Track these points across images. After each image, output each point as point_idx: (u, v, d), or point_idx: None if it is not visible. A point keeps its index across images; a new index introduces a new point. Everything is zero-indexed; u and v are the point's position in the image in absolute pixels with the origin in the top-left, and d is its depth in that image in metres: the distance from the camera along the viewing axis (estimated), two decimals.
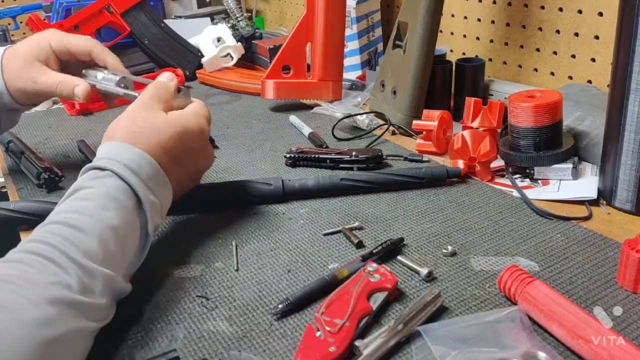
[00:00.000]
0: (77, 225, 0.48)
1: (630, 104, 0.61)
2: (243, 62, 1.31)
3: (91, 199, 0.51)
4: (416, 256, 0.59)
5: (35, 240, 0.46)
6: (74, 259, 0.45)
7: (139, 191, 0.53)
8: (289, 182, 0.71)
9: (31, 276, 0.42)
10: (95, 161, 0.55)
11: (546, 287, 0.48)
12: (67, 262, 0.45)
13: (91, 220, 0.49)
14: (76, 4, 1.32)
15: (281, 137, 0.93)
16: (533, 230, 0.63)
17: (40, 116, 1.10)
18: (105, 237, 0.48)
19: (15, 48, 0.73)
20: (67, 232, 0.47)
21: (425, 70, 0.89)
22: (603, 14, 0.85)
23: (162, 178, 0.57)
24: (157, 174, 0.56)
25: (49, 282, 0.43)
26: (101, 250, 0.47)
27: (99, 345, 0.47)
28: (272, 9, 1.74)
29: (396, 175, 0.72)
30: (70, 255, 0.45)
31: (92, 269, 0.46)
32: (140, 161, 0.55)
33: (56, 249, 0.45)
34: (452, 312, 0.50)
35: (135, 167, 0.54)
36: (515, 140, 0.73)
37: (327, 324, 0.46)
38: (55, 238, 0.46)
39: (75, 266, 0.45)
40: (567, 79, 0.93)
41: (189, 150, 0.61)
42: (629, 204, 0.65)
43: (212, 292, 0.55)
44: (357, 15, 1.18)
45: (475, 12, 1.07)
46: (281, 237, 0.63)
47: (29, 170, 0.79)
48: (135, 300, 0.53)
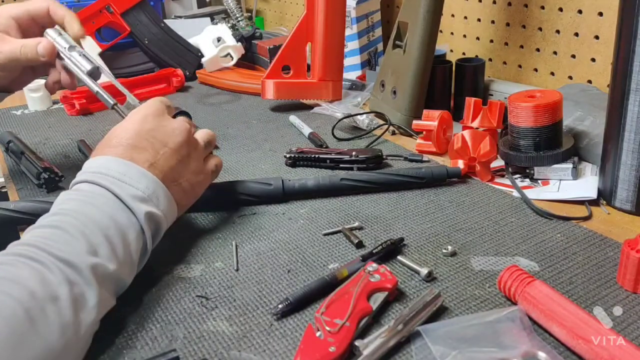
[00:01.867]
0: (56, 225, 0.48)
1: (630, 104, 0.61)
2: (243, 62, 1.31)
3: (68, 199, 0.52)
4: (416, 256, 0.59)
5: (17, 244, 0.47)
6: (54, 254, 0.45)
7: (115, 189, 0.53)
8: (288, 182, 0.71)
9: (12, 275, 0.42)
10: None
11: (546, 287, 0.48)
12: (47, 258, 0.44)
13: (70, 218, 0.49)
14: (76, 4, 1.32)
15: (281, 137, 0.93)
16: (533, 230, 0.63)
17: (40, 116, 1.10)
18: (86, 231, 0.48)
19: None
20: (47, 232, 0.47)
21: (425, 70, 0.89)
22: (603, 14, 0.85)
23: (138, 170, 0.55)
24: (130, 168, 0.55)
25: (30, 278, 0.42)
26: (82, 240, 0.47)
27: (99, 345, 0.47)
28: (272, 9, 1.74)
29: (396, 175, 0.72)
30: (50, 252, 0.45)
31: (73, 261, 0.45)
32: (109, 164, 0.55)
33: (37, 247, 0.45)
34: (452, 312, 0.50)
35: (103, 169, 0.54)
36: (515, 140, 0.73)
37: (327, 324, 0.46)
38: (35, 238, 0.47)
39: (56, 260, 0.45)
40: (567, 79, 0.93)
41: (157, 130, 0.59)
42: (629, 204, 0.65)
43: (212, 292, 0.55)
44: (357, 15, 1.18)
45: (475, 12, 1.07)
46: (281, 237, 0.63)
47: (29, 170, 0.79)
48: (135, 300, 0.53)
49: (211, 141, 0.67)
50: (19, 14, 0.73)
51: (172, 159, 0.59)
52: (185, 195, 0.61)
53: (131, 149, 0.57)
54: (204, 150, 0.65)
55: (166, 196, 0.57)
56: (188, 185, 0.61)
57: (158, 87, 1.21)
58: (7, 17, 0.72)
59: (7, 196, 0.79)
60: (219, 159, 0.68)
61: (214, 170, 0.67)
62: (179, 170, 0.60)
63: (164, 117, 0.61)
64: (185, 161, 0.60)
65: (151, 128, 0.59)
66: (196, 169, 0.62)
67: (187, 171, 0.61)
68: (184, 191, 0.61)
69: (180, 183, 0.60)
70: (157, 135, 0.59)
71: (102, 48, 1.24)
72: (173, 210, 0.58)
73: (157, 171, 0.57)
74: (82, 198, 0.52)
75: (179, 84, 1.22)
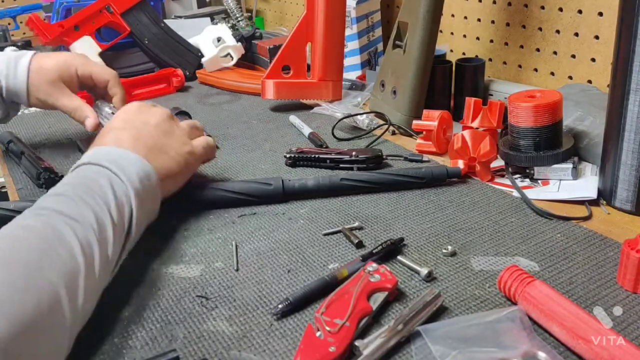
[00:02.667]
0: (61, 193, 0.53)
1: (630, 104, 0.61)
2: (243, 62, 1.31)
3: (78, 177, 0.57)
4: (416, 256, 0.59)
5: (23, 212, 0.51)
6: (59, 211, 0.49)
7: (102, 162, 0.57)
8: (289, 182, 0.71)
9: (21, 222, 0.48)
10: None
11: (546, 287, 0.48)
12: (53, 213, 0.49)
13: (75, 189, 0.53)
14: (76, 4, 1.32)
15: (281, 137, 0.93)
16: (533, 230, 0.63)
17: (40, 116, 1.10)
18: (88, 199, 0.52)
19: (43, 61, 0.82)
20: (53, 198, 0.52)
21: (425, 70, 0.89)
22: (603, 14, 0.85)
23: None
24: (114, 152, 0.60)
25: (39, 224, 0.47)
26: (86, 207, 0.51)
27: (99, 345, 0.47)
28: (272, 9, 1.74)
29: (396, 175, 0.72)
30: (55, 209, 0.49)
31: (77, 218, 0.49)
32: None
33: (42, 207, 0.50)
34: (452, 312, 0.50)
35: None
36: (515, 140, 0.73)
37: (327, 324, 0.46)
38: (41, 202, 0.52)
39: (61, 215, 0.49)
40: (567, 79, 0.93)
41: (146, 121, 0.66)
42: (629, 204, 0.65)
43: (212, 292, 0.55)
44: (357, 15, 1.18)
45: (475, 12, 1.07)
46: (281, 237, 0.63)
47: (29, 171, 0.79)
48: (135, 300, 0.53)
49: (196, 125, 0.73)
50: (85, 75, 0.84)
51: (155, 132, 0.65)
52: (178, 166, 0.65)
53: (119, 131, 0.63)
54: (188, 129, 0.70)
55: (153, 175, 0.60)
56: (177, 155, 0.65)
57: (158, 87, 1.21)
58: (74, 73, 0.83)
59: (7, 196, 0.79)
60: (208, 138, 0.72)
61: (205, 146, 0.71)
62: (164, 142, 0.65)
63: (147, 106, 0.69)
64: (168, 135, 0.66)
65: (134, 111, 0.67)
66: (181, 141, 0.67)
67: (173, 142, 0.66)
68: (175, 161, 0.65)
69: (167, 152, 0.64)
70: (140, 117, 0.66)
71: (102, 48, 1.24)
72: (157, 193, 0.62)
73: (142, 145, 0.62)
74: (85, 174, 0.56)
75: (179, 84, 1.22)
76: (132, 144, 0.61)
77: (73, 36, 1.23)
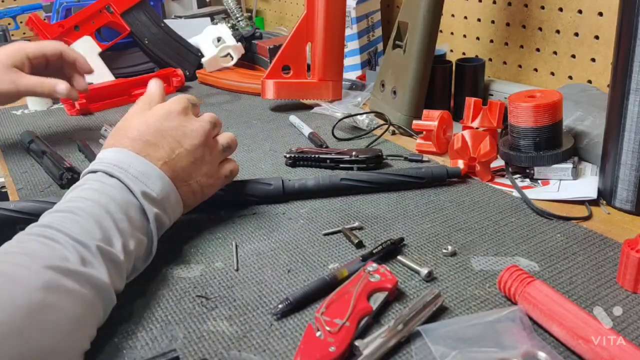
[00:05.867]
0: (69, 210, 0.50)
1: (630, 104, 0.61)
2: (243, 62, 1.31)
3: (84, 189, 0.54)
4: (416, 256, 0.59)
5: (32, 226, 0.49)
6: (69, 235, 0.47)
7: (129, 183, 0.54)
8: (289, 182, 0.71)
9: (29, 250, 0.45)
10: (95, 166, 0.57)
11: (546, 287, 0.48)
12: (63, 238, 0.46)
13: (84, 204, 0.51)
14: (76, 4, 1.32)
15: (281, 137, 0.93)
16: (533, 230, 0.63)
17: (40, 116, 1.10)
18: (99, 218, 0.50)
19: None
20: (61, 216, 0.50)
21: (425, 70, 0.89)
22: (603, 14, 0.85)
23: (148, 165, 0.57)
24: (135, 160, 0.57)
25: (47, 254, 0.45)
26: (95, 227, 0.49)
27: (98, 345, 0.47)
28: (272, 9, 1.75)
29: (396, 175, 0.72)
30: (65, 232, 0.47)
31: (87, 242, 0.47)
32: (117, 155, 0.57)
33: (52, 228, 0.47)
34: (452, 312, 0.50)
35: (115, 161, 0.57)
36: (515, 140, 0.73)
37: (327, 324, 0.46)
38: (50, 220, 0.49)
39: (71, 240, 0.46)
40: (567, 79, 0.93)
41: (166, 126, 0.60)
42: (629, 204, 0.65)
43: (212, 292, 0.55)
44: (357, 15, 1.18)
45: (475, 12, 1.07)
46: (281, 237, 0.63)
47: (51, 170, 0.79)
48: (135, 299, 0.53)
49: (231, 145, 0.66)
50: (35, 54, 0.84)
51: (185, 160, 0.60)
52: (193, 196, 0.62)
53: (149, 145, 0.58)
54: (221, 154, 0.65)
55: (176, 199, 0.59)
56: (197, 187, 0.62)
57: None
58: (24, 56, 0.83)
59: (7, 196, 0.79)
60: (235, 165, 0.68)
61: (228, 175, 0.67)
62: (191, 171, 0.61)
63: (187, 116, 0.62)
64: (198, 163, 0.61)
65: (172, 127, 0.60)
66: (209, 172, 0.63)
67: (199, 173, 0.62)
68: (193, 192, 0.62)
69: (190, 184, 0.61)
70: (176, 135, 0.60)
71: (102, 48, 1.24)
72: (179, 211, 0.60)
73: (169, 169, 0.58)
74: (99, 188, 0.53)
75: (179, 84, 1.22)
76: (160, 165, 0.57)
77: (73, 36, 1.23)
